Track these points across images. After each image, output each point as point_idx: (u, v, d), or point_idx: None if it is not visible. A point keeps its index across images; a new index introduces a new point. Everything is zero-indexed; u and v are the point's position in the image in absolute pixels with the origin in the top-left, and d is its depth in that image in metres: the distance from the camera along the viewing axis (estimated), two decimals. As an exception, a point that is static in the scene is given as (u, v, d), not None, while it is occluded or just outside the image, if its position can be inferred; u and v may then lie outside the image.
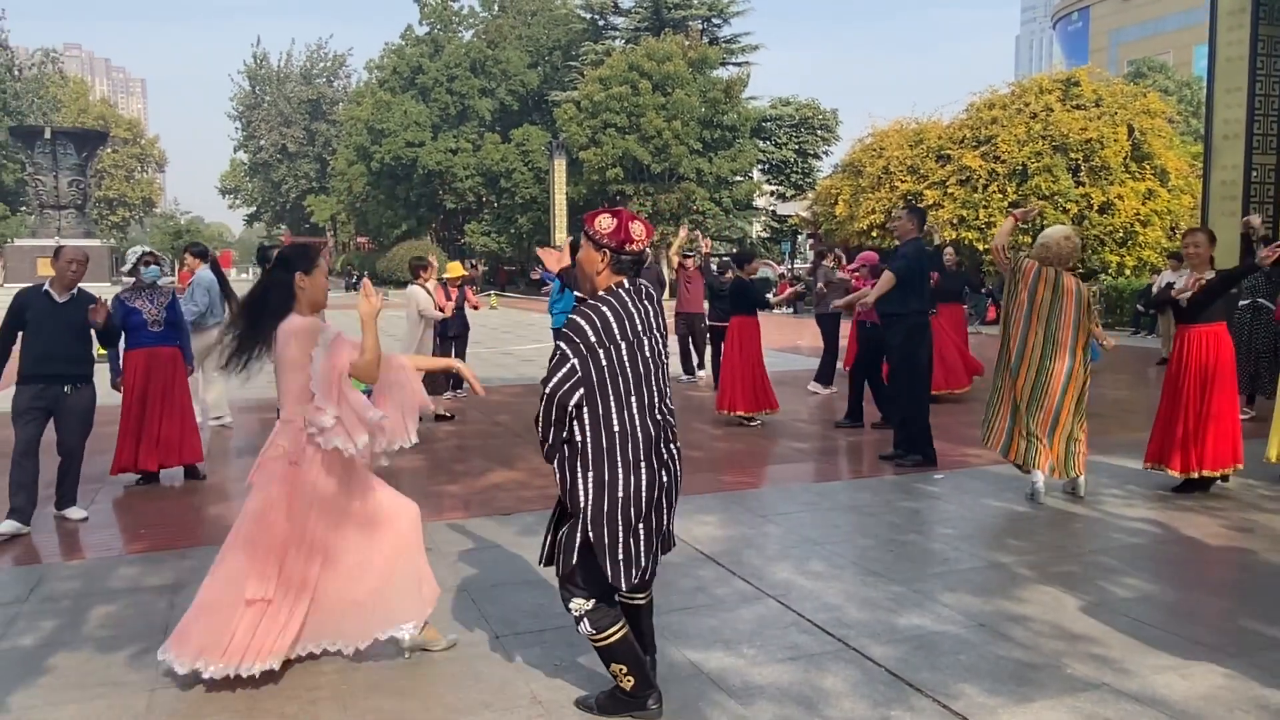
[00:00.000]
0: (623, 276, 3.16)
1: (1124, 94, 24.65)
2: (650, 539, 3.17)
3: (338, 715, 3.32)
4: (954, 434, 8.68)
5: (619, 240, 3.10)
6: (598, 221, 3.14)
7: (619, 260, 3.13)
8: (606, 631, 3.15)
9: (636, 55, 36.08)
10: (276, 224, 75.40)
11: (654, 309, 3.23)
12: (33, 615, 4.28)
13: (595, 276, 3.15)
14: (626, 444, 3.06)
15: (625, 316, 3.09)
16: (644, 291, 3.20)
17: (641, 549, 3.14)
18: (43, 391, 5.60)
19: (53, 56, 65.48)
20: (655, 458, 3.13)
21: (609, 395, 3.04)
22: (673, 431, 3.24)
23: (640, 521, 3.11)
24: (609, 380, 3.04)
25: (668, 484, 3.19)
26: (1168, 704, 3.32)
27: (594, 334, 3.04)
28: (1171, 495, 6.21)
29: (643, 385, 3.10)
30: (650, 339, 3.16)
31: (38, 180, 32.02)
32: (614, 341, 3.05)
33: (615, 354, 3.05)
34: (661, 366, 3.20)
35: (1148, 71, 43.67)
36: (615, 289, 3.13)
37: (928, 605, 4.29)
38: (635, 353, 3.09)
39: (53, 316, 5.61)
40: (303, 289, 3.57)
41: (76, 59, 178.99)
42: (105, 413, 6.17)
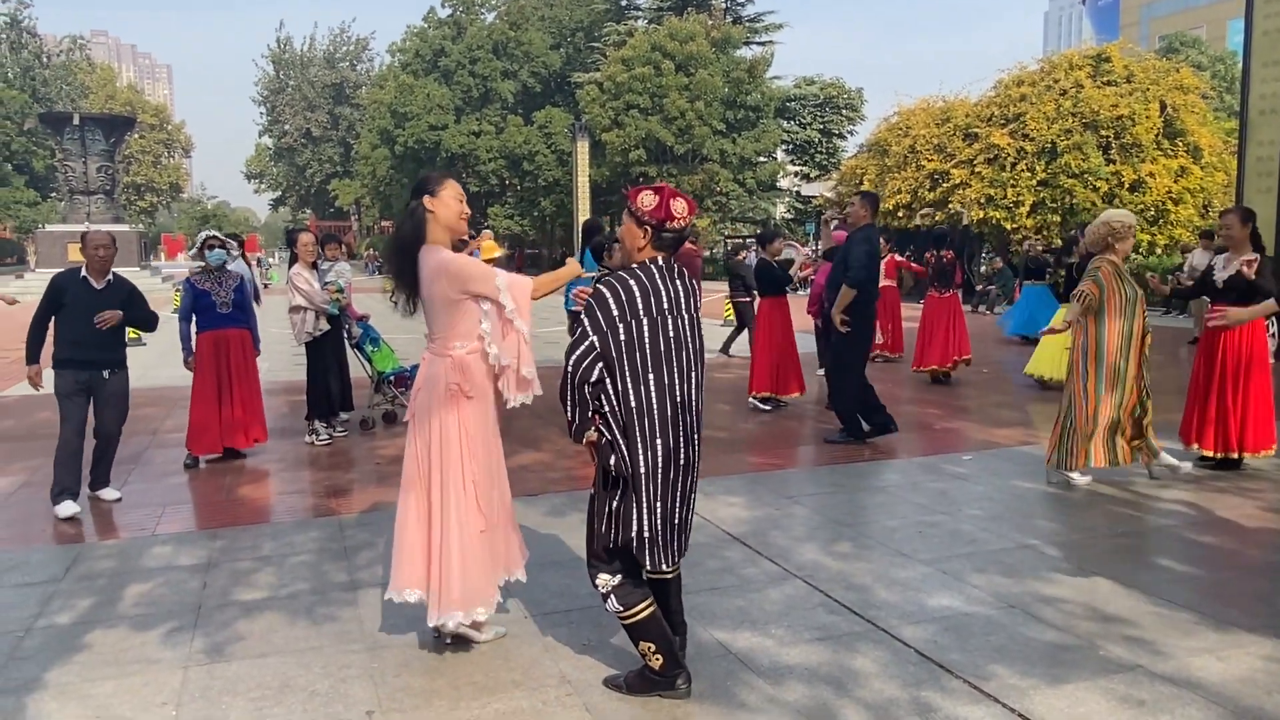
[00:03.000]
0: (661, 253, 3.15)
1: (1156, 69, 24.20)
2: (670, 517, 3.15)
3: (369, 692, 3.34)
4: (984, 415, 8.61)
5: (661, 217, 3.09)
6: (640, 198, 3.13)
7: (660, 237, 3.12)
8: (634, 608, 3.15)
9: (659, 35, 35.86)
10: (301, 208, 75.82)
11: (685, 290, 3.19)
12: (69, 594, 4.34)
13: (636, 252, 3.16)
14: (642, 419, 3.05)
15: (651, 291, 3.08)
16: (677, 271, 3.18)
17: (663, 526, 3.13)
18: (81, 376, 5.68)
19: (80, 43, 66.05)
20: (673, 436, 3.10)
21: (625, 369, 3.03)
22: (696, 415, 3.20)
23: (659, 499, 3.10)
24: (626, 354, 3.03)
25: (684, 465, 3.15)
26: (1204, 686, 3.28)
27: (616, 306, 3.04)
28: (1204, 477, 6.12)
29: (662, 363, 3.08)
30: (676, 319, 3.13)
31: (67, 166, 32.32)
32: (636, 316, 3.04)
33: (636, 328, 3.04)
34: (687, 347, 3.15)
35: (1180, 47, 42.87)
36: (647, 264, 3.13)
37: (957, 586, 4.25)
38: (658, 330, 3.07)
39: (90, 303, 5.66)
40: (432, 212, 3.53)
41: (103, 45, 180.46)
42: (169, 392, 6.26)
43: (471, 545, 3.51)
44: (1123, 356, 5.86)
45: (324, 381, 7.66)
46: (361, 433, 8.06)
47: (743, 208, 38.08)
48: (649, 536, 3.10)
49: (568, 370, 3.06)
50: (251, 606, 4.15)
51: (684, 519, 3.22)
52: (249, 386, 7.00)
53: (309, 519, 5.55)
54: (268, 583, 4.45)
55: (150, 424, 8.43)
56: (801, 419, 8.61)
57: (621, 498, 3.11)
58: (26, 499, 6.04)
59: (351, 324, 8.16)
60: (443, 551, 3.50)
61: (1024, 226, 22.85)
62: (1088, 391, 5.92)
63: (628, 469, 3.07)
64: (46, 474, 5.84)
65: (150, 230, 60.90)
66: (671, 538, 3.17)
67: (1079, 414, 5.93)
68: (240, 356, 6.94)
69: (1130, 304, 5.85)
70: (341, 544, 5.02)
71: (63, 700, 3.32)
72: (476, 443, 3.54)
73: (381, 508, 5.72)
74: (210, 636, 3.83)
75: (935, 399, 9.52)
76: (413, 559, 3.57)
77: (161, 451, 7.40)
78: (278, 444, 7.56)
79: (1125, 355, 5.86)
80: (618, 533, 3.12)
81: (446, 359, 3.52)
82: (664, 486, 3.11)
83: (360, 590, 4.33)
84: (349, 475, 6.63)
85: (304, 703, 3.28)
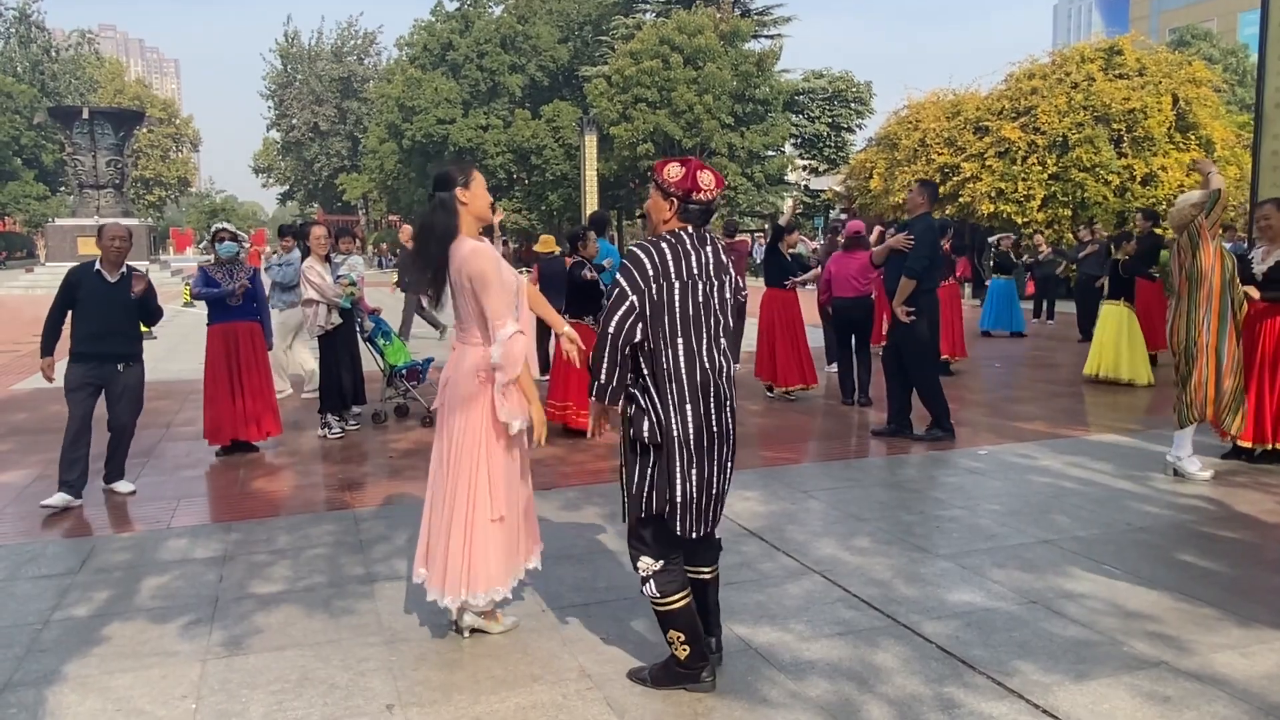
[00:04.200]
0: (689, 224, 3.14)
1: (1168, 62, 24.01)
2: (706, 485, 3.09)
3: (387, 686, 3.33)
4: (996, 409, 8.57)
5: (686, 188, 3.08)
6: (666, 170, 3.12)
7: (686, 209, 3.11)
8: (671, 597, 3.12)
9: (667, 29, 35.73)
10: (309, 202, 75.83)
11: (716, 257, 3.16)
12: (85, 586, 4.34)
13: (661, 225, 3.16)
14: (671, 383, 3.03)
15: (683, 256, 3.07)
16: (707, 239, 3.17)
17: (699, 493, 3.08)
18: (96, 369, 5.68)
19: (89, 38, 66.14)
20: (704, 401, 3.06)
21: (655, 331, 3.02)
22: (727, 381, 3.16)
23: (694, 466, 3.05)
24: (654, 315, 3.02)
25: (717, 432, 3.10)
26: (1229, 683, 3.25)
27: (651, 268, 3.03)
28: (1223, 471, 6.08)
29: (690, 327, 3.06)
30: (706, 284, 3.11)
31: (76, 160, 32.37)
32: (667, 279, 3.03)
33: (667, 291, 3.03)
34: (716, 313, 3.13)
35: (1191, 39, 42.59)
36: (678, 232, 3.13)
37: (977, 581, 4.23)
38: (687, 294, 3.05)
39: (106, 296, 5.67)
40: (464, 204, 3.53)
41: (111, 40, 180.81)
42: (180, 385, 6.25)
43: (482, 531, 3.51)
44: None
45: (336, 375, 7.65)
46: (374, 426, 8.05)
47: (751, 202, 37.96)
48: (682, 502, 3.06)
49: (608, 332, 3.03)
50: (268, 599, 4.14)
51: (722, 488, 3.17)
52: (260, 379, 7.00)
53: (324, 512, 5.54)
54: (284, 576, 4.44)
55: (163, 417, 8.44)
56: (812, 413, 8.58)
57: (655, 465, 3.08)
58: (42, 492, 6.02)
59: (364, 317, 8.15)
60: (450, 534, 3.51)
61: (1035, 220, 22.75)
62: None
63: (660, 435, 3.04)
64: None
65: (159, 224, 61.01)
66: (708, 505, 3.13)
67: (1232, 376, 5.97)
68: (250, 349, 6.93)
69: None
70: (357, 537, 5.01)
71: (82, 693, 3.32)
72: (498, 432, 3.53)
73: (396, 501, 5.71)
74: (228, 629, 3.83)
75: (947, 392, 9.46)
76: (425, 541, 3.64)
77: (174, 445, 7.41)
78: (290, 437, 7.56)
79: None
80: (653, 500, 3.09)
81: (476, 348, 3.52)
82: (698, 453, 3.06)
83: (377, 583, 4.32)
84: (363, 469, 6.63)
85: (323, 696, 3.26)
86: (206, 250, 7.12)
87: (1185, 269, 5.91)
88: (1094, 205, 21.91)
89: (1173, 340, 6.04)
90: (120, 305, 5.76)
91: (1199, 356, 5.85)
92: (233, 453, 6.99)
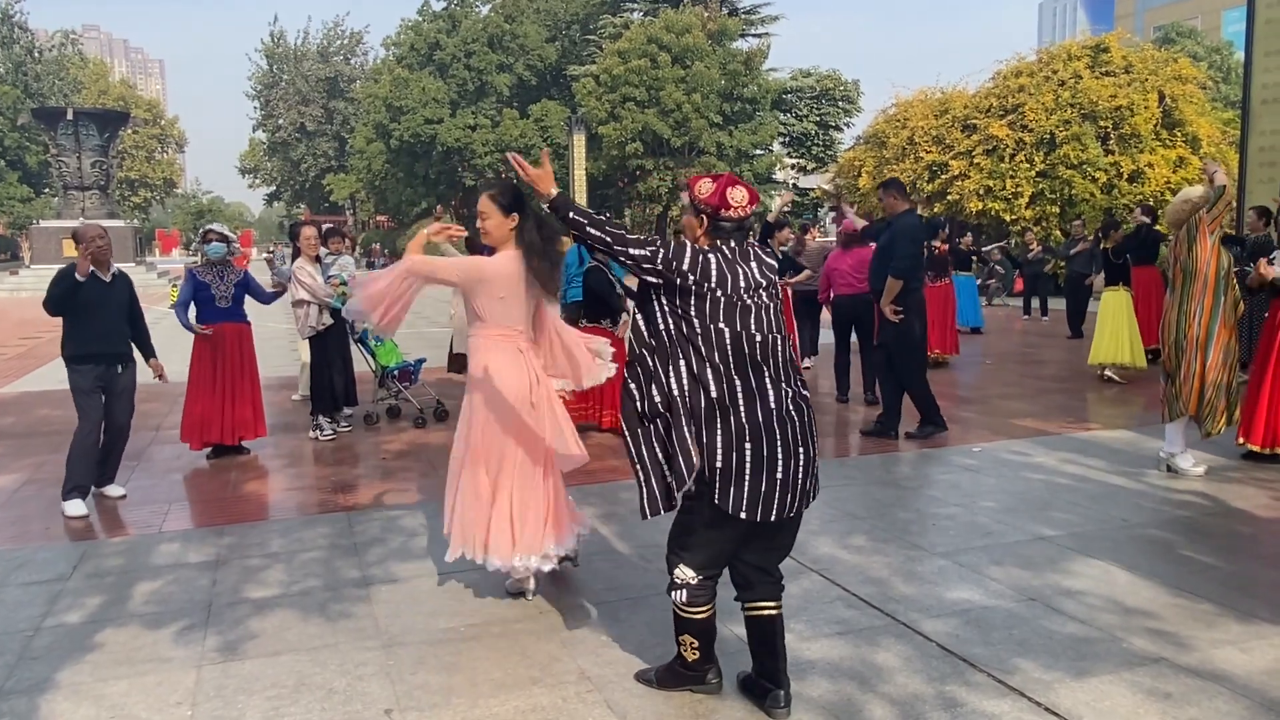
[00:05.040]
0: (720, 241, 3.03)
1: (1154, 60, 24.13)
2: (764, 464, 2.89)
3: (385, 690, 3.30)
4: (988, 406, 8.58)
5: (716, 204, 2.99)
6: (698, 185, 3.04)
7: (717, 225, 3.01)
8: (697, 608, 3.04)
9: (655, 28, 35.72)
10: (296, 203, 75.50)
11: (761, 271, 3.03)
12: (78, 592, 4.29)
13: (695, 243, 3.05)
14: (707, 351, 2.90)
15: (729, 269, 2.96)
16: (750, 255, 3.04)
17: (753, 470, 2.89)
18: (100, 372, 5.65)
19: (72, 38, 65.60)
20: (752, 373, 2.92)
21: (688, 308, 2.91)
22: (783, 360, 3.01)
23: (746, 440, 2.88)
24: (685, 294, 2.92)
25: (775, 410, 2.94)
26: (1229, 678, 3.25)
27: (690, 264, 2.92)
28: (1217, 467, 6.09)
29: (736, 316, 2.92)
30: (753, 291, 2.98)
31: (61, 161, 32.13)
32: (708, 278, 2.92)
33: (707, 289, 2.92)
34: (768, 323, 2.99)
35: (1176, 37, 42.82)
36: (719, 245, 3.02)
37: (975, 579, 4.22)
38: (735, 306, 2.93)
39: (104, 297, 5.64)
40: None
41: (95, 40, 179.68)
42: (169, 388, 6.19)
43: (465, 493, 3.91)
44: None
45: (327, 376, 7.60)
46: (366, 428, 8.00)
47: (740, 200, 37.98)
48: (722, 469, 2.87)
49: (621, 232, 3.00)
50: (263, 604, 4.10)
51: (792, 476, 2.95)
52: (249, 381, 6.93)
53: (317, 515, 5.50)
54: (278, 580, 4.40)
55: (152, 420, 8.37)
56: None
57: (672, 429, 2.92)
58: (31, 496, 5.98)
59: (355, 318, 8.10)
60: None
61: (1023, 218, 22.83)
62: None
63: (670, 400, 2.91)
64: (50, 471, 5.79)
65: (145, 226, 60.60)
66: (770, 489, 2.90)
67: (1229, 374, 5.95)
68: (236, 350, 6.87)
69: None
70: (351, 540, 4.97)
71: (76, 700, 3.28)
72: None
73: (390, 503, 5.67)
74: (223, 634, 3.79)
75: (939, 389, 9.46)
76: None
77: (164, 448, 7.35)
78: (282, 440, 7.51)
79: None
80: (679, 468, 2.91)
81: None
82: (748, 423, 2.88)
83: (373, 586, 4.28)
84: (355, 470, 6.58)
85: (321, 701, 3.23)
86: (196, 251, 7.04)
87: (1180, 262, 5.94)
88: (1081, 202, 22.00)
89: (1164, 334, 6.06)
90: (117, 305, 5.73)
91: (1188, 350, 5.87)
92: (223, 456, 6.93)
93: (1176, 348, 5.93)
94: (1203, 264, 5.81)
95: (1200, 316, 5.84)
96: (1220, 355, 5.86)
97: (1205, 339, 5.84)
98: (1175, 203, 6.01)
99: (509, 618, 3.89)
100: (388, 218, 59.91)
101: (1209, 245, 5.83)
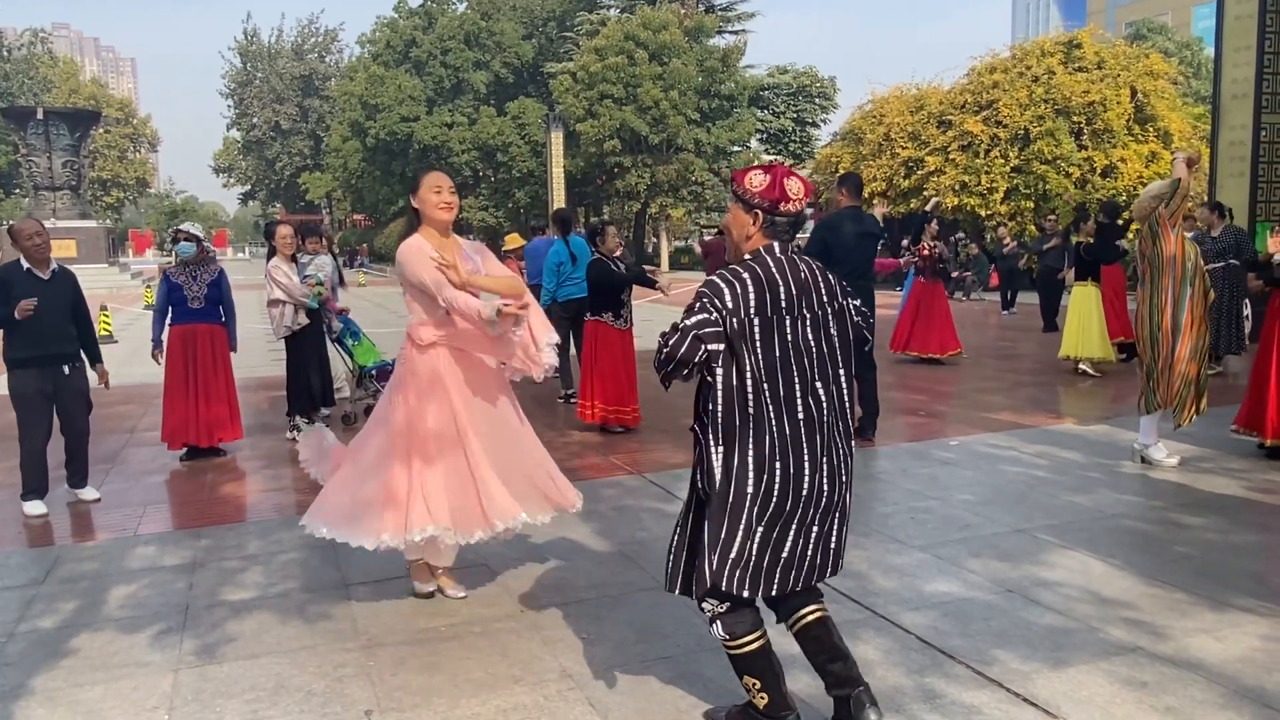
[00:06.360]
0: (775, 241, 2.76)
1: (1126, 56, 24.41)
2: (769, 548, 2.68)
3: (366, 692, 3.28)
4: (966, 400, 8.65)
5: (774, 198, 2.70)
6: (749, 179, 2.75)
7: (773, 222, 2.73)
8: (741, 639, 2.75)
9: (632, 25, 35.70)
10: (271, 202, 74.94)
11: (815, 281, 2.75)
12: (51, 597, 4.24)
13: (745, 242, 2.76)
14: (759, 433, 2.62)
15: (766, 285, 2.65)
16: (799, 263, 2.74)
17: (764, 556, 2.67)
18: (44, 375, 5.45)
19: (42, 36, 64.84)
20: (791, 458, 2.64)
21: (744, 373, 2.61)
22: (829, 432, 2.72)
23: (761, 525, 2.65)
24: (744, 355, 2.62)
25: (807, 496, 2.68)
26: (1204, 666, 3.29)
27: (732, 300, 2.62)
28: (1191, 458, 6.17)
29: (778, 370, 2.63)
30: (799, 319, 2.67)
31: (31, 162, 31.74)
32: (747, 314, 2.61)
33: (748, 329, 2.61)
34: (814, 350, 2.69)
35: (1147, 33, 43.26)
36: (762, 253, 2.72)
37: (954, 572, 4.25)
38: (771, 333, 2.63)
39: (43, 295, 5.34)
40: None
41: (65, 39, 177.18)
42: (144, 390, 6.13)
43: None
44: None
45: (304, 376, 7.55)
46: (344, 428, 7.95)
47: (718, 197, 38.06)
48: (733, 558, 2.66)
49: (681, 325, 2.64)
50: (241, 606, 4.07)
51: (800, 553, 2.73)
52: (222, 383, 6.85)
53: (295, 516, 5.42)
54: (256, 582, 4.37)
55: (127, 422, 8.28)
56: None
57: (710, 521, 2.69)
58: (3, 501, 5.89)
59: (331, 318, 8.05)
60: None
61: (998, 213, 23.02)
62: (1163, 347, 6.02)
63: (714, 487, 2.65)
64: (17, 475, 5.69)
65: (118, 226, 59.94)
66: (772, 566, 2.70)
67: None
68: (209, 351, 6.77)
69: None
70: (330, 541, 4.93)
71: (51, 706, 3.24)
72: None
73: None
74: (200, 638, 3.75)
75: (917, 384, 9.55)
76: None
77: (139, 450, 7.27)
78: (259, 440, 7.45)
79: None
80: (713, 564, 2.68)
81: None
82: (769, 515, 2.66)
83: (352, 587, 4.26)
84: (333, 471, 6.53)
85: (300, 703, 3.21)
86: (170, 252, 6.97)
87: (1147, 256, 6.00)
88: (1055, 197, 22.21)
89: (1138, 328, 6.12)
90: (58, 304, 5.47)
91: (1163, 343, 5.93)
92: (198, 457, 6.87)
93: (1151, 341, 5.99)
94: (1168, 257, 5.88)
95: (1169, 309, 5.91)
96: (1187, 349, 5.91)
97: (1173, 331, 5.90)
98: (1141, 198, 6.08)
99: (489, 617, 3.88)
100: (364, 216, 59.53)
101: (1173, 238, 5.89)
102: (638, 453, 6.80)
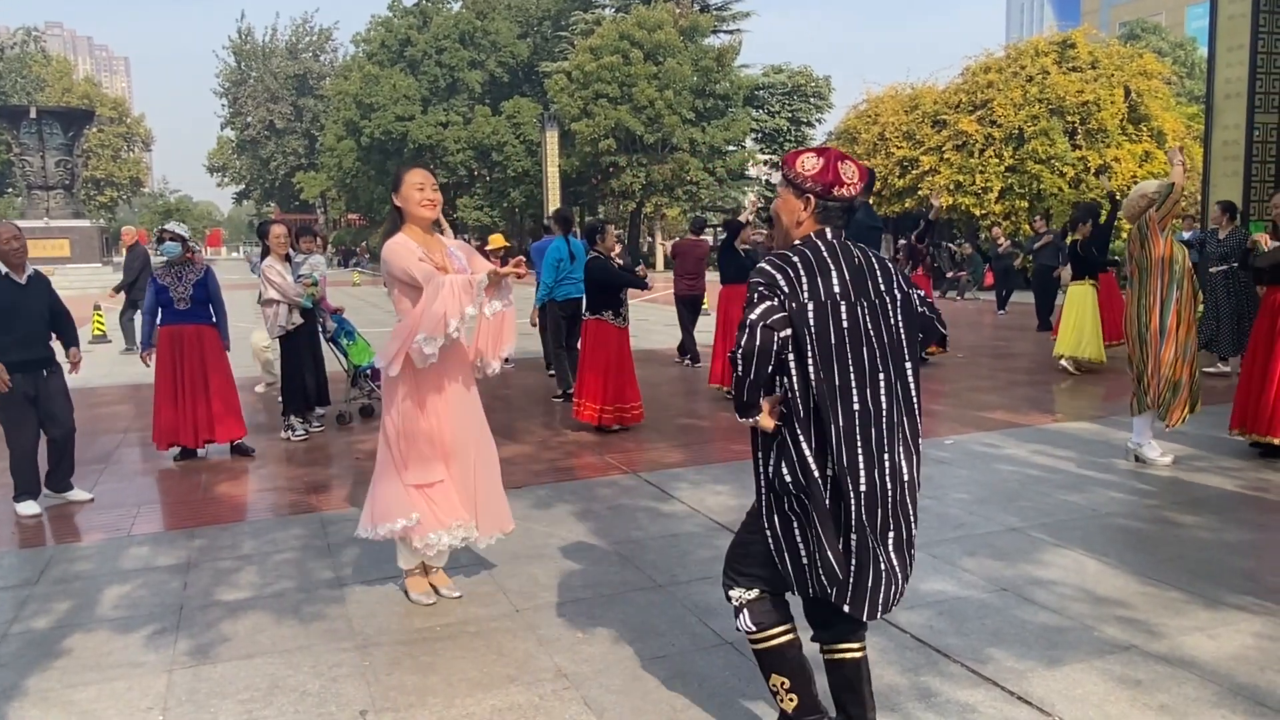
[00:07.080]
0: (827, 227, 2.62)
1: (1120, 55, 24.45)
2: (855, 549, 2.52)
3: (361, 691, 3.27)
4: (960, 399, 8.66)
5: (828, 181, 2.56)
6: (800, 162, 2.61)
7: (826, 207, 2.59)
8: (768, 631, 2.65)
9: (627, 24, 35.71)
10: (266, 201, 74.78)
11: (871, 268, 2.59)
12: (45, 598, 4.22)
13: (795, 228, 2.62)
14: (820, 425, 2.49)
15: (819, 270, 2.52)
16: (851, 250, 2.60)
17: (826, 553, 2.51)
18: (24, 380, 5.40)
19: (35, 35, 64.62)
20: (848, 453, 2.48)
21: (804, 360, 2.49)
22: (892, 427, 2.53)
23: (822, 524, 2.50)
24: (805, 341, 2.49)
25: (866, 491, 2.49)
26: (1198, 664, 3.30)
27: (787, 284, 2.49)
28: (1184, 456, 6.19)
29: (833, 360, 2.48)
30: (855, 305, 2.52)
31: (24, 161, 31.64)
32: (799, 300, 2.48)
33: (806, 314, 2.48)
34: (873, 340, 2.53)
35: (1141, 33, 43.39)
36: (813, 238, 2.59)
37: (949, 570, 4.26)
38: (826, 318, 2.48)
39: (19, 300, 5.35)
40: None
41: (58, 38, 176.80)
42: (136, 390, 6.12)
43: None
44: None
45: (299, 376, 7.53)
46: (338, 428, 7.94)
47: (713, 196, 38.10)
48: (798, 558, 2.58)
49: (748, 320, 2.48)
50: (235, 606, 4.06)
51: (871, 558, 2.54)
52: (219, 379, 6.81)
53: (290, 516, 5.45)
54: (251, 582, 4.36)
55: (120, 422, 8.26)
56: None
57: (797, 518, 2.57)
58: (-5, 501, 5.87)
59: (326, 317, 8.03)
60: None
61: (992, 212, 23.06)
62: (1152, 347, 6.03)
63: (802, 479, 2.51)
64: (7, 477, 5.66)
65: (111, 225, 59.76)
66: (845, 576, 2.53)
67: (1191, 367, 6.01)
68: (196, 352, 6.71)
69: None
70: (325, 540, 4.93)
71: (44, 707, 3.22)
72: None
73: (363, 503, 5.62)
74: (194, 638, 3.74)
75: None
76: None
77: (132, 450, 7.25)
78: (253, 440, 7.42)
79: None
80: (759, 541, 2.64)
81: None
82: (836, 509, 2.52)
83: (347, 587, 4.25)
84: (329, 471, 6.53)
85: (295, 704, 3.20)
86: (157, 252, 6.94)
87: (1135, 258, 6.01)
88: (1050, 197, 22.25)
89: (1128, 329, 6.14)
90: (35, 308, 5.47)
91: (1151, 344, 5.94)
92: (189, 458, 6.84)
93: (1140, 342, 6.00)
94: (1157, 259, 5.89)
95: (1157, 310, 5.92)
96: (1172, 351, 5.90)
97: (1160, 333, 5.91)
98: (1131, 197, 6.09)
99: (484, 617, 3.88)
100: (359, 216, 59.42)
101: (1161, 240, 5.90)
102: (633, 452, 6.80)
